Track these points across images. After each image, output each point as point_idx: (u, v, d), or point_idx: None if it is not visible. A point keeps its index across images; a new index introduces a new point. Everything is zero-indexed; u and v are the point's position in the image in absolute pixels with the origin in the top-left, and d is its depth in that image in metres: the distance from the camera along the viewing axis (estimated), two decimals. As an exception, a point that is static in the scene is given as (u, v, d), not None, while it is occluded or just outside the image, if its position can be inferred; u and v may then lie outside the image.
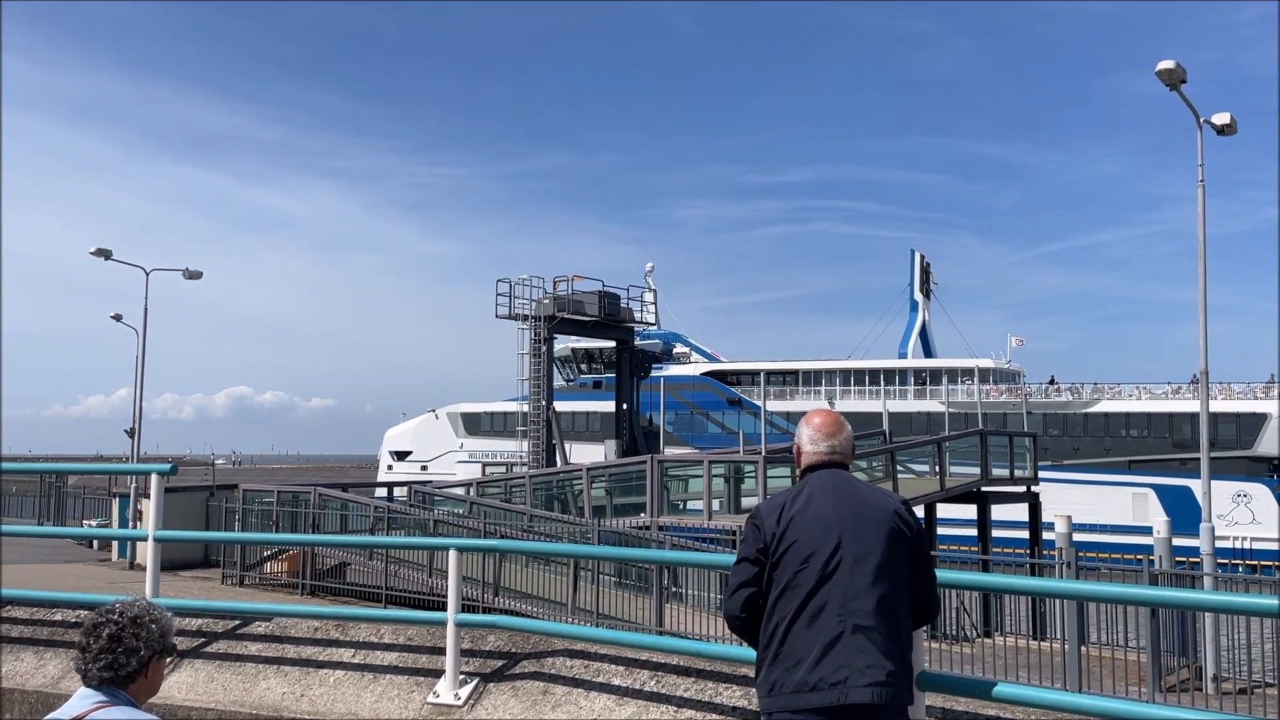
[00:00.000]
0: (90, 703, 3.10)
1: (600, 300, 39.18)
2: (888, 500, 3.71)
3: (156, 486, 6.78)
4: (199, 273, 38.02)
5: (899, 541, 3.62)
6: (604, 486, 26.18)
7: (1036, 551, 20.22)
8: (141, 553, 21.49)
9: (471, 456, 65.02)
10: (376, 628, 6.42)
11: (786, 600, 3.43)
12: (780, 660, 3.40)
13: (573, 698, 5.44)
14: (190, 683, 6.22)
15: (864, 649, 3.37)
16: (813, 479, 3.67)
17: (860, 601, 3.41)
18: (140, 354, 37.12)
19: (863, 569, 3.45)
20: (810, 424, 3.80)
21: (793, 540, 3.46)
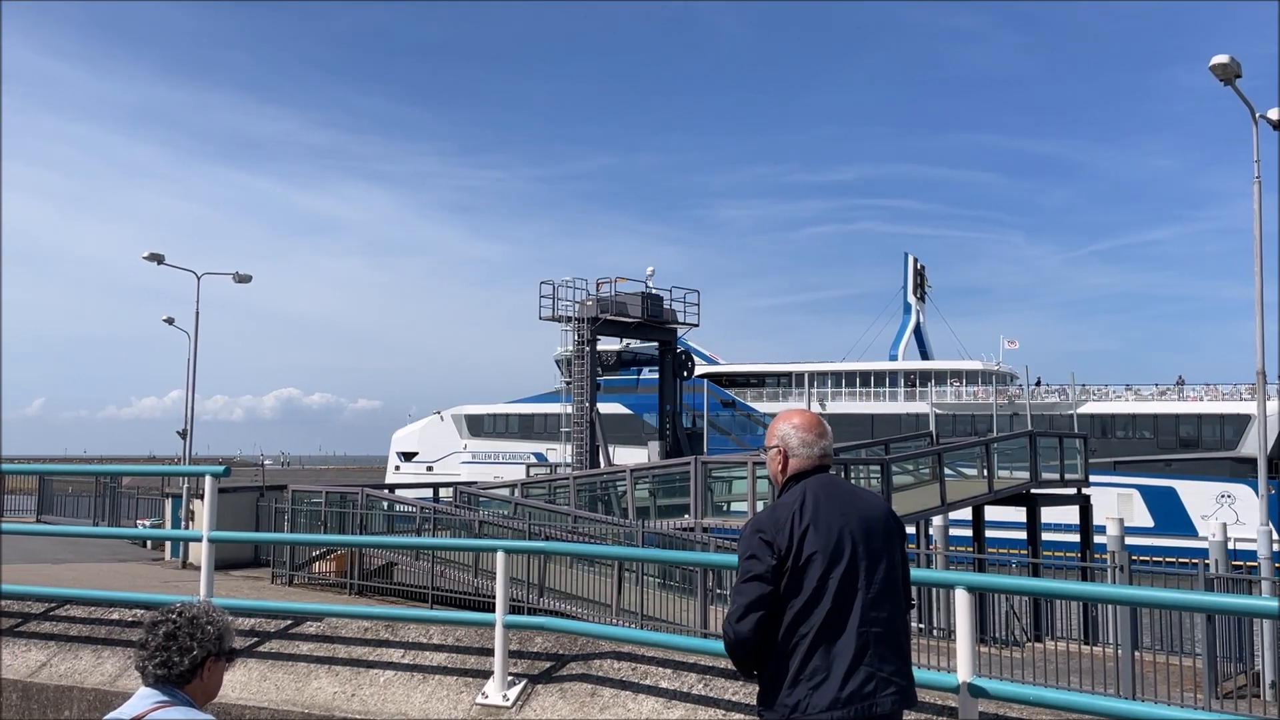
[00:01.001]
0: (150, 702, 3.15)
1: (643, 302, 39.22)
2: (881, 502, 3.70)
3: (210, 488, 6.89)
4: (249, 276, 38.60)
5: (898, 544, 3.59)
6: (647, 488, 26.19)
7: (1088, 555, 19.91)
8: (194, 553, 21.89)
9: (475, 457, 66.75)
10: (425, 628, 6.47)
11: (807, 616, 3.32)
12: (804, 680, 3.30)
13: (620, 700, 5.45)
14: (244, 681, 6.31)
15: (886, 657, 3.35)
16: (810, 484, 3.52)
17: (878, 610, 3.37)
18: (192, 356, 37.77)
19: (876, 577, 3.41)
20: (792, 424, 3.64)
21: (811, 553, 3.34)
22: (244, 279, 38.48)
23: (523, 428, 67.89)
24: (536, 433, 67.01)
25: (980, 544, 23.10)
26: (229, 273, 38.42)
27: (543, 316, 39.05)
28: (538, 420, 67.28)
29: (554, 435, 63.85)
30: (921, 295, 67.18)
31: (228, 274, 38.48)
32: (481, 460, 66.08)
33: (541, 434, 66.58)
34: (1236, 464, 45.48)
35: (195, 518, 23.27)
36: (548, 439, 65.60)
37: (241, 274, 38.34)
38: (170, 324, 42.06)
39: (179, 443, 39.86)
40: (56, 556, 21.05)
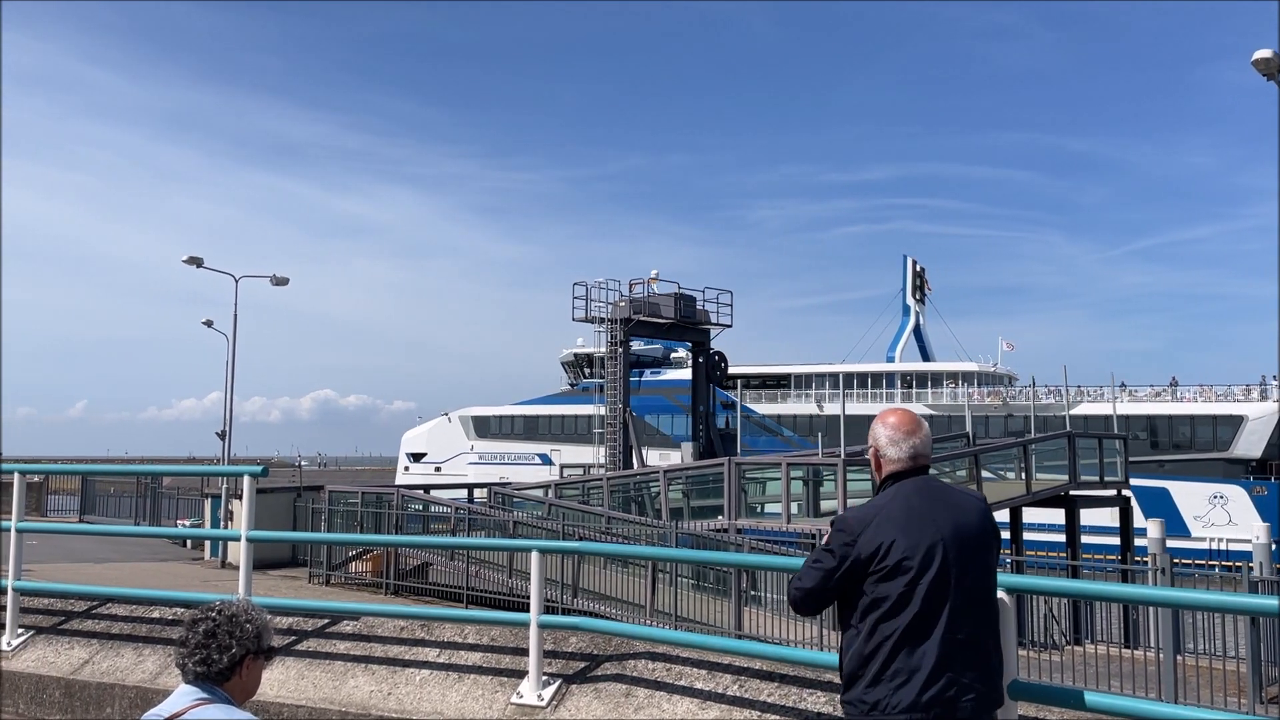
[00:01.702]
0: (190, 700, 3.18)
1: (676, 302, 39.22)
2: (978, 505, 3.61)
3: (249, 488, 6.95)
4: (286, 279, 39.02)
5: (992, 548, 3.57)
6: (681, 489, 26.15)
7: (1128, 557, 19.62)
8: (233, 552, 22.14)
9: (481, 458, 67.36)
10: (461, 628, 6.49)
11: (892, 618, 3.33)
12: (885, 680, 3.31)
13: (655, 700, 5.43)
14: (281, 680, 6.36)
15: (970, 664, 3.33)
16: (905, 486, 3.51)
17: (965, 617, 3.35)
18: (230, 358, 38.25)
19: (966, 584, 3.38)
20: (887, 424, 3.61)
21: (898, 559, 3.34)
22: (281, 281, 38.89)
23: (528, 429, 68.54)
24: (541, 434, 67.74)
25: (1018, 545, 22.86)
26: (266, 275, 38.87)
27: (576, 318, 39.19)
28: (542, 422, 68.11)
29: (558, 436, 66.91)
30: (921, 297, 67.67)
31: (265, 277, 38.95)
32: (488, 461, 66.81)
33: (546, 435, 67.56)
34: (1229, 465, 45.63)
35: (234, 518, 23.53)
36: (552, 440, 66.91)
37: (279, 277, 38.76)
38: (209, 326, 42.60)
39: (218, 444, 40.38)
40: (99, 556, 21.40)
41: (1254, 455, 46.00)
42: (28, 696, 7.10)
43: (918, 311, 66.94)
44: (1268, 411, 46.13)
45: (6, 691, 7.19)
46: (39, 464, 37.31)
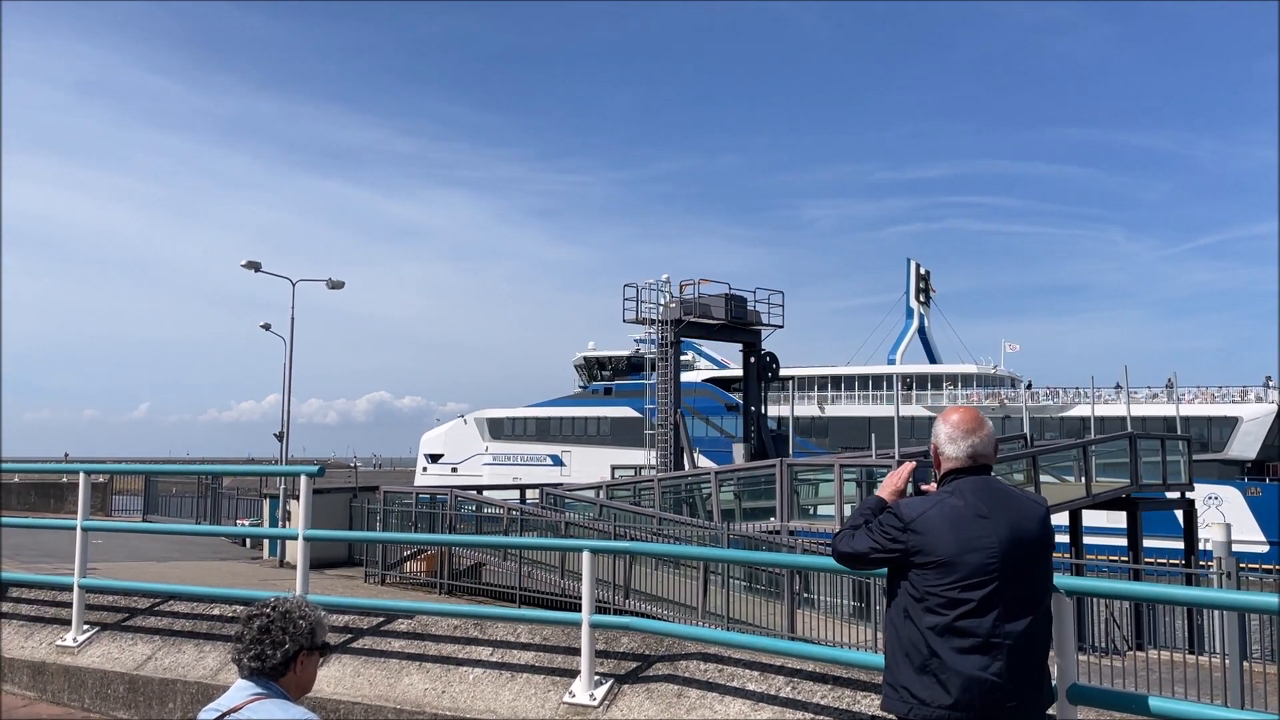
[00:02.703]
0: (246, 695, 3.23)
1: (727, 303, 39.04)
2: (1037, 508, 3.56)
3: (306, 488, 7.05)
4: (341, 283, 39.59)
5: (1048, 551, 3.53)
6: (733, 490, 26.06)
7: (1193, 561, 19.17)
8: (291, 551, 22.49)
9: (495, 459, 68.59)
10: (513, 627, 6.52)
11: (936, 614, 3.31)
12: (928, 671, 3.31)
13: (707, 701, 5.41)
14: (338, 677, 6.44)
15: (1016, 666, 3.30)
16: (962, 485, 3.48)
17: (1014, 620, 3.31)
18: (288, 361, 38.91)
19: (1019, 586, 3.34)
20: (947, 421, 3.60)
21: (948, 556, 3.32)
22: (337, 285, 39.46)
23: (539, 431, 69.47)
24: (553, 435, 68.69)
25: (1078, 549, 22.44)
26: (322, 279, 39.48)
27: (627, 319, 39.21)
28: (553, 423, 69.03)
29: (569, 438, 68.03)
30: (926, 300, 67.99)
31: (321, 280, 39.55)
32: (501, 462, 67.93)
33: (557, 437, 68.56)
34: (1224, 466, 45.28)
35: (291, 517, 23.92)
36: (563, 441, 67.95)
37: (334, 280, 39.34)
38: (267, 329, 43.29)
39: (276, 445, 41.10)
40: (161, 554, 21.86)
41: (1249, 456, 46.12)
42: (93, 691, 7.27)
43: (922, 314, 67.44)
44: (1263, 413, 46.41)
45: (72, 686, 7.37)
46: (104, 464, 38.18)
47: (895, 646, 3.43)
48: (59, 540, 18.79)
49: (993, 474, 3.63)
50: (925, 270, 68.52)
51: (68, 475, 36.56)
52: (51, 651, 7.64)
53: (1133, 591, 7.31)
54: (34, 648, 7.78)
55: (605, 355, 68.75)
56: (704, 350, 71.21)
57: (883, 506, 3.57)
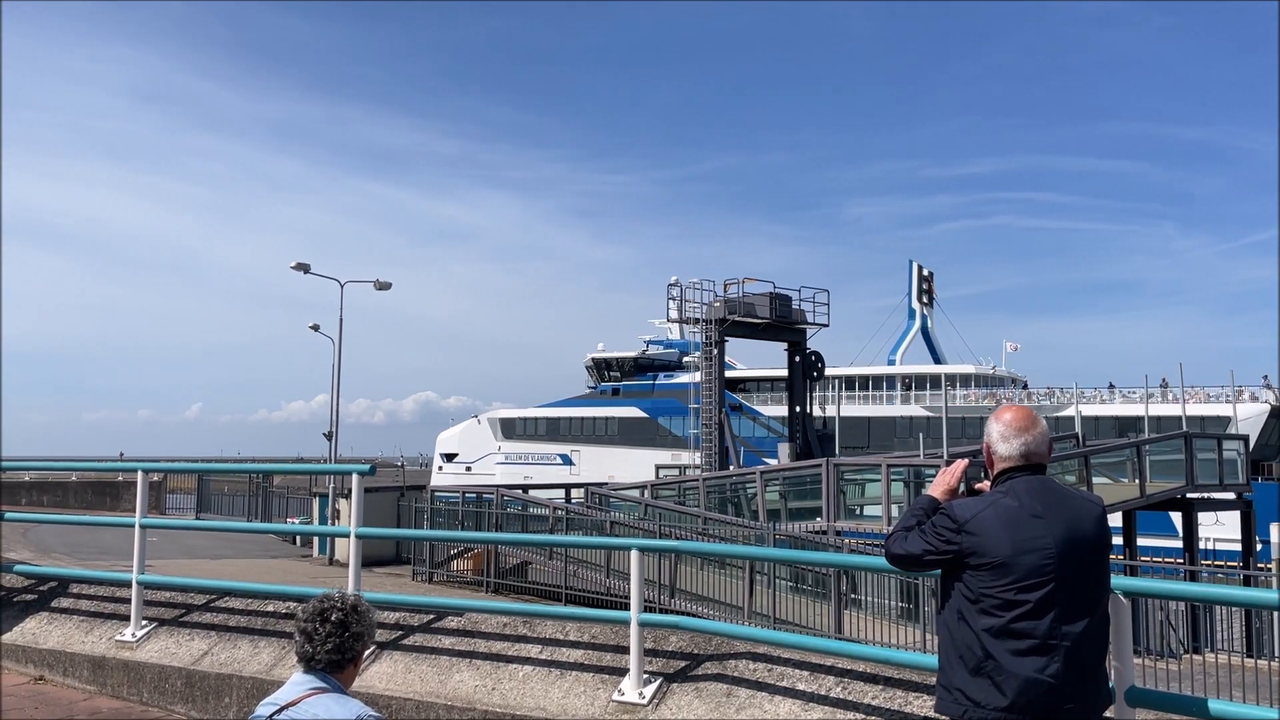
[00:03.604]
0: (305, 689, 3.28)
1: (771, 302, 38.87)
2: (1093, 508, 3.51)
3: (357, 486, 7.13)
4: (389, 284, 39.98)
5: (1105, 552, 3.48)
6: (778, 490, 25.96)
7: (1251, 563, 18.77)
8: (340, 549, 22.78)
9: (508, 459, 70.07)
10: (562, 625, 6.55)
11: (991, 615, 3.28)
12: (983, 674, 3.27)
13: (757, 701, 5.39)
14: (390, 673, 6.52)
15: (1073, 668, 3.26)
16: (1016, 485, 3.43)
17: (1071, 622, 3.27)
18: (336, 361, 39.32)
19: (1076, 587, 3.30)
20: (1000, 420, 3.56)
21: (1002, 557, 3.28)
22: (384, 286, 39.86)
23: (550, 430, 70.82)
24: (562, 435, 70.05)
25: (1132, 550, 22.06)
26: (369, 280, 39.88)
27: (670, 319, 39.21)
28: (563, 423, 70.40)
29: (578, 438, 69.39)
30: (929, 301, 68.47)
31: (368, 281, 39.95)
32: (514, 461, 69.51)
33: (567, 436, 69.93)
34: None
35: (341, 516, 24.22)
36: (573, 441, 69.38)
37: (382, 281, 39.73)
38: (316, 330, 43.80)
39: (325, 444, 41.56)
40: (214, 552, 22.23)
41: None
42: (151, 686, 7.42)
43: (925, 315, 67.90)
44: (1257, 412, 46.41)
45: (131, 680, 7.52)
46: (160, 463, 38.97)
47: (949, 649, 3.40)
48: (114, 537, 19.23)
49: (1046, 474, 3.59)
50: (929, 272, 69.21)
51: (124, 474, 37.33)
52: (111, 646, 7.80)
53: (1191, 592, 7.18)
54: (94, 643, 7.96)
55: (613, 357, 70.20)
56: None
57: (935, 507, 3.53)
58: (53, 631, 8.28)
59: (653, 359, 70.33)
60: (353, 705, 3.22)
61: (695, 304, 38.81)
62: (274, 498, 31.65)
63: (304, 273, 38.38)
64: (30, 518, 19.49)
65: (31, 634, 8.31)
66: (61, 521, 20.06)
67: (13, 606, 8.82)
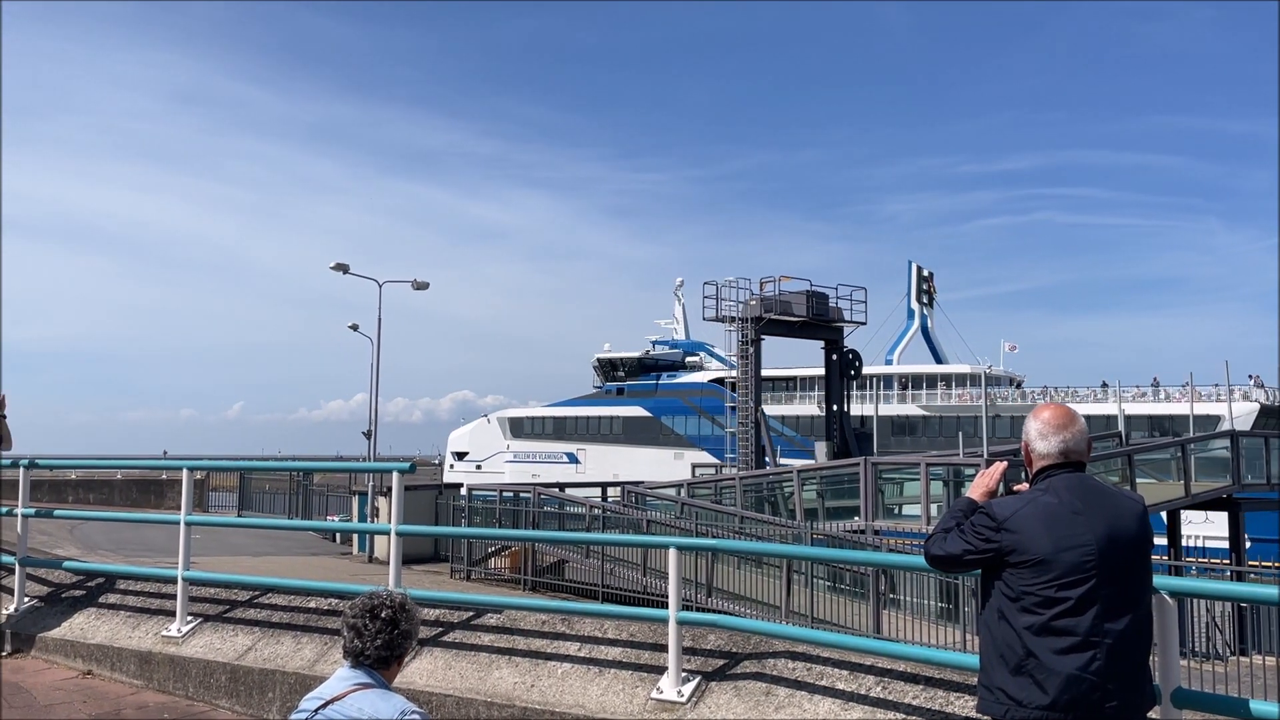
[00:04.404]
0: (349, 684, 3.32)
1: (808, 300, 38.69)
2: (1134, 506, 3.48)
3: (398, 484, 7.20)
4: (426, 284, 40.28)
5: (1147, 550, 3.44)
6: (815, 489, 25.85)
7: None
8: (379, 548, 22.97)
9: (516, 457, 71.54)
10: (600, 623, 6.57)
11: (1032, 613, 3.26)
12: (1024, 672, 3.25)
13: (796, 700, 5.38)
14: (430, 669, 6.57)
15: (1115, 667, 3.23)
16: (1055, 483, 3.41)
17: (1113, 620, 3.24)
18: (375, 361, 39.68)
19: (1117, 586, 3.27)
20: (1038, 418, 3.54)
21: (1043, 555, 3.26)
22: (422, 286, 40.16)
23: (556, 430, 72.22)
24: (568, 434, 71.42)
25: (1176, 550, 21.74)
26: (407, 280, 40.19)
27: (706, 317, 39.15)
28: (569, 423, 71.82)
29: (584, 436, 70.69)
30: (929, 301, 69.06)
31: (406, 281, 40.27)
32: (522, 460, 70.92)
33: (573, 435, 71.28)
34: None
35: (380, 514, 24.43)
36: (579, 440, 70.71)
37: (419, 281, 40.04)
38: (355, 330, 44.22)
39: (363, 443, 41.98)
40: (255, 549, 22.48)
41: None
42: (196, 680, 7.53)
43: (924, 314, 68.58)
44: (1246, 412, 46.87)
45: (177, 675, 7.64)
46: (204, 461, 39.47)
47: (990, 648, 3.38)
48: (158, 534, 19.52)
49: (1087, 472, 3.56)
50: (929, 272, 69.80)
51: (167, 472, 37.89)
52: (157, 641, 7.93)
53: (1239, 593, 7.06)
54: (140, 638, 8.09)
55: (618, 357, 71.83)
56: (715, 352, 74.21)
57: (974, 508, 3.52)
58: (100, 626, 8.43)
59: (656, 359, 71.91)
60: (396, 701, 3.26)
61: (732, 303, 38.72)
62: (314, 496, 31.95)
63: (343, 273, 38.77)
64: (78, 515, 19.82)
65: (80, 629, 8.47)
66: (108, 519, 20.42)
67: (61, 602, 8.99)
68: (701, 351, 74.12)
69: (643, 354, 71.73)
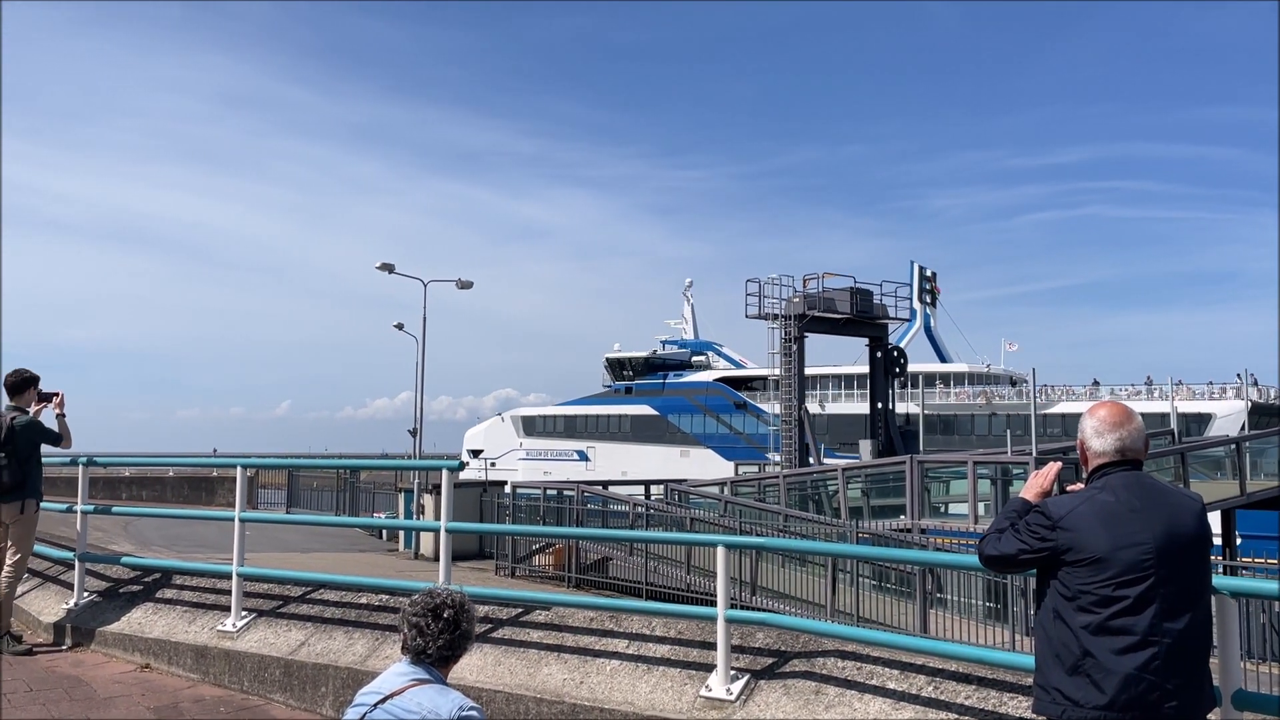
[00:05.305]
0: (407, 680, 3.37)
1: (852, 297, 38.48)
2: (1192, 504, 3.44)
3: (447, 481, 7.27)
4: (470, 283, 40.59)
5: (1206, 549, 3.40)
6: (860, 487, 25.70)
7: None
8: (425, 545, 23.19)
9: (528, 455, 73.41)
10: (648, 620, 6.59)
11: (1089, 613, 3.23)
12: (1081, 672, 3.23)
13: (846, 699, 5.36)
14: (480, 665, 6.63)
15: (1174, 668, 3.19)
16: (1112, 481, 3.37)
17: (1172, 620, 3.20)
18: (420, 360, 40.08)
19: (1177, 585, 3.23)
20: (1094, 416, 3.51)
21: (1100, 554, 3.23)
22: (466, 285, 40.47)
23: (567, 428, 73.82)
24: (578, 432, 73.02)
25: (1232, 550, 21.34)
26: (451, 279, 40.54)
27: (749, 315, 39.03)
28: (579, 421, 73.39)
29: (593, 435, 72.25)
30: (933, 300, 69.36)
31: (450, 281, 40.63)
32: (534, 457, 72.82)
33: (583, 434, 72.80)
34: None
35: (425, 511, 24.67)
36: (588, 438, 72.23)
37: (463, 280, 40.36)
38: (400, 329, 44.66)
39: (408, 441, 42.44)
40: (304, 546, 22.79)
41: None
42: (251, 674, 7.66)
43: (928, 314, 69.00)
44: (1236, 410, 47.09)
45: (232, 669, 7.78)
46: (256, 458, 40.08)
47: (1045, 648, 3.36)
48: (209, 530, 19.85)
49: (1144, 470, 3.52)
50: (931, 272, 70.24)
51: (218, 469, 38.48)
52: (213, 636, 8.07)
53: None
54: (196, 632, 8.24)
55: (627, 356, 73.31)
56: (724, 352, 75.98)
57: (1028, 508, 3.49)
58: (157, 621, 8.59)
59: (664, 358, 73.38)
60: (454, 696, 3.30)
61: (774, 300, 38.59)
62: (360, 493, 32.32)
63: (388, 273, 39.19)
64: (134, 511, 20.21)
65: (138, 623, 8.64)
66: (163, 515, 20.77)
67: (119, 597, 9.18)
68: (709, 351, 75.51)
69: (649, 354, 73.18)
